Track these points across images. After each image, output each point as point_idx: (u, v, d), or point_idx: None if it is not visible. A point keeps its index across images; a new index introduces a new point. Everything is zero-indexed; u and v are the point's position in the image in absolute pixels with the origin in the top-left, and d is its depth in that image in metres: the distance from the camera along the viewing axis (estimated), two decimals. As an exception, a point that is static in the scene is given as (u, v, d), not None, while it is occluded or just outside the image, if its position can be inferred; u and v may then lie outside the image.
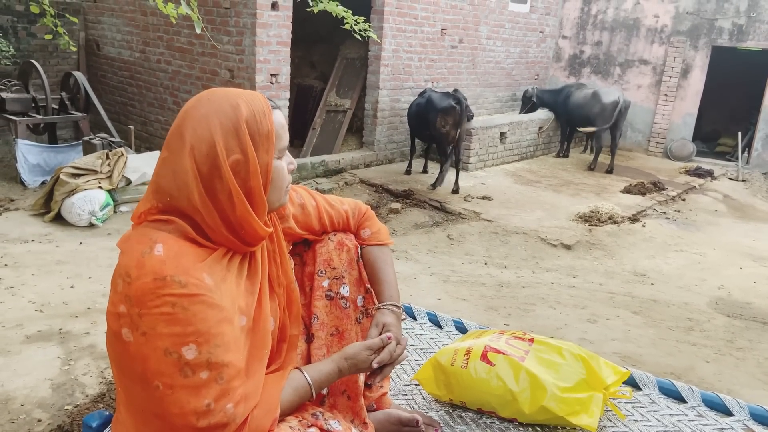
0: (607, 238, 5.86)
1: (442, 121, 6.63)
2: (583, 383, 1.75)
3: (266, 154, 1.20)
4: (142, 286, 1.08)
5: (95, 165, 5.29)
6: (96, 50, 8.24)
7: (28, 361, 2.98)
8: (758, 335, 4.03)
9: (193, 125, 1.17)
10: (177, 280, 1.09)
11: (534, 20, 10.04)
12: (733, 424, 1.78)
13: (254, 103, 1.21)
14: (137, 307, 1.09)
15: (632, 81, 10.45)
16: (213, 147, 1.15)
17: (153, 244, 1.13)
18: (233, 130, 1.17)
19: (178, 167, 1.16)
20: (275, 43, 6.19)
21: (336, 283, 1.58)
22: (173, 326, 1.08)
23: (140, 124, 7.64)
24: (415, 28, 7.82)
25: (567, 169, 8.80)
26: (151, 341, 1.08)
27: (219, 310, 1.14)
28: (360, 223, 1.66)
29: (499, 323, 3.83)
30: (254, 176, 1.18)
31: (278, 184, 1.25)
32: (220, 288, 1.16)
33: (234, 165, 1.16)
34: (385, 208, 6.29)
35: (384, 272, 1.59)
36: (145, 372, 1.10)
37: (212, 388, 1.11)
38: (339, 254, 1.59)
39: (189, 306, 1.10)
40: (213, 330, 1.12)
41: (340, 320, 1.58)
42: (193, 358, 1.09)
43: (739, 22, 9.46)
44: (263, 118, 1.20)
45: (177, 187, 1.16)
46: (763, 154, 9.67)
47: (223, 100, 1.20)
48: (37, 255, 4.35)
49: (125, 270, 1.11)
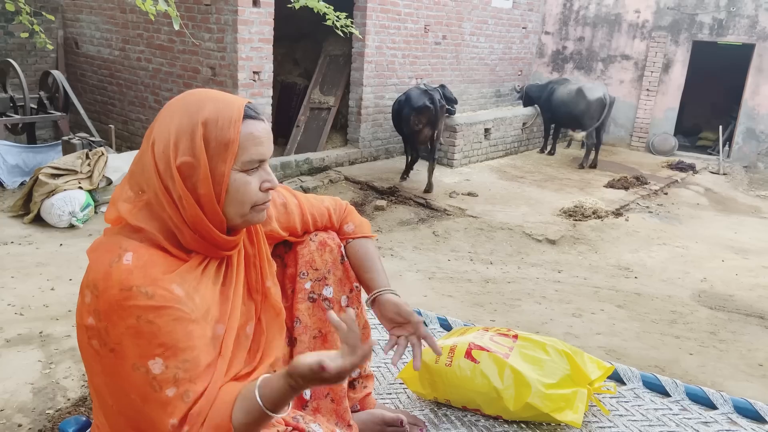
0: (591, 232, 5.89)
1: (415, 119, 6.56)
2: (567, 379, 1.75)
3: (222, 164, 1.12)
4: (108, 298, 1.05)
5: (75, 165, 5.21)
6: (75, 48, 8.12)
7: (8, 365, 2.93)
8: (741, 327, 4.07)
9: (160, 121, 1.16)
10: (144, 291, 1.05)
11: (517, 16, 10.06)
12: (717, 417, 1.79)
13: (223, 109, 1.14)
14: (104, 321, 1.05)
15: (614, 76, 10.52)
16: (168, 145, 1.12)
17: (122, 253, 1.09)
18: (189, 131, 1.12)
19: (145, 161, 1.14)
20: (257, 40, 6.14)
21: (319, 285, 1.55)
22: (138, 340, 1.05)
23: (121, 123, 7.55)
24: (399, 24, 7.80)
25: (551, 164, 8.83)
26: (118, 357, 1.05)
27: (188, 323, 1.09)
28: (342, 219, 1.63)
29: (485, 319, 3.83)
30: (204, 183, 1.11)
31: (237, 198, 1.15)
32: (192, 299, 1.12)
33: (183, 167, 1.11)
34: (371, 205, 6.27)
35: (374, 262, 1.58)
36: (119, 385, 1.07)
37: (177, 407, 1.06)
38: (321, 255, 1.56)
39: (154, 319, 1.05)
40: (181, 344, 1.07)
41: (323, 322, 1.55)
42: (159, 373, 1.05)
43: (719, 16, 9.55)
44: (227, 125, 1.12)
45: (145, 181, 1.14)
46: (743, 148, 9.79)
47: (194, 100, 1.16)
48: (16, 257, 4.28)
49: (93, 282, 1.07)
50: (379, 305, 1.51)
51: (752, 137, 9.70)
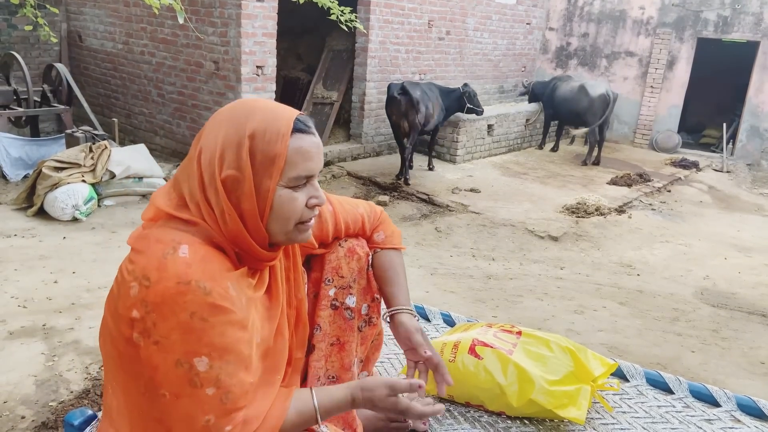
0: (594, 229, 5.89)
1: (388, 110, 6.78)
2: (571, 376, 1.75)
3: (268, 179, 1.08)
4: (163, 290, 1.00)
5: (78, 158, 5.21)
6: (78, 42, 8.12)
7: (12, 357, 2.94)
8: (743, 325, 4.07)
9: (208, 129, 1.12)
10: (202, 286, 1.01)
11: (521, 12, 10.02)
12: (720, 414, 1.78)
13: (272, 121, 1.09)
14: (154, 313, 1.00)
15: (618, 73, 10.49)
16: (213, 157, 1.08)
17: (177, 245, 1.04)
18: (235, 143, 1.07)
19: (191, 169, 1.10)
20: (261, 35, 6.13)
21: (342, 293, 1.50)
22: (188, 336, 1.01)
23: (124, 117, 7.54)
24: (402, 19, 7.78)
25: (554, 161, 8.82)
26: (162, 351, 1.01)
27: (239, 329, 1.07)
28: (375, 227, 1.58)
29: (487, 315, 3.84)
30: (248, 198, 1.07)
31: (282, 215, 1.11)
32: (242, 302, 1.09)
33: (228, 181, 1.07)
34: (373, 200, 6.27)
35: (398, 277, 1.53)
36: (153, 379, 1.03)
37: (215, 406, 1.04)
38: (349, 262, 1.50)
39: (208, 317, 1.02)
40: (229, 346, 1.05)
41: (342, 331, 1.51)
42: (203, 371, 1.02)
43: (724, 13, 9.51)
44: (275, 138, 1.08)
45: (189, 191, 1.10)
46: (747, 146, 9.76)
47: (242, 110, 1.11)
48: (19, 250, 4.28)
49: (142, 272, 1.02)
50: (394, 325, 1.48)
51: (756, 135, 9.68)
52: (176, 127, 6.95)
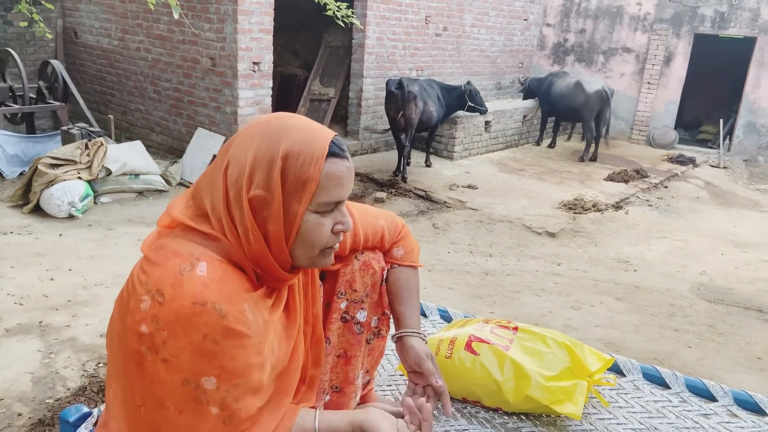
0: (591, 225, 5.89)
1: (386, 106, 6.77)
2: (567, 371, 1.75)
3: (298, 203, 1.04)
4: (177, 309, 0.97)
5: (74, 155, 5.20)
6: (74, 38, 8.08)
7: (8, 354, 2.93)
8: (739, 320, 4.08)
9: (239, 142, 1.07)
10: (218, 308, 0.98)
11: (518, 8, 10.01)
12: (716, 409, 1.79)
13: (307, 143, 1.05)
14: (165, 331, 0.97)
15: (615, 69, 10.48)
16: (242, 173, 1.03)
17: (195, 261, 1.01)
18: (267, 162, 1.03)
19: (216, 181, 1.06)
20: (257, 31, 6.11)
21: (354, 307, 1.47)
22: (199, 358, 0.98)
23: (120, 114, 7.52)
24: (399, 15, 7.76)
25: (551, 157, 8.82)
26: (170, 369, 0.98)
27: (252, 354, 1.04)
28: (395, 242, 1.52)
29: (485, 311, 3.84)
30: (275, 221, 1.04)
31: (308, 240, 1.08)
32: (259, 326, 1.06)
33: (255, 200, 1.03)
34: (370, 197, 6.26)
35: (412, 297, 1.48)
36: (158, 392, 1.01)
37: (217, 426, 1.02)
38: (363, 277, 1.46)
39: (221, 340, 0.99)
40: (239, 371, 1.02)
41: (350, 344, 1.49)
42: (210, 389, 1.00)
43: (721, 9, 9.51)
44: (309, 162, 1.03)
45: (212, 204, 1.06)
46: (744, 142, 9.77)
47: (278, 127, 1.06)
48: (15, 247, 4.27)
49: (156, 286, 0.99)
50: (402, 348, 1.44)
51: (753, 131, 9.69)
52: (172, 123, 6.93)
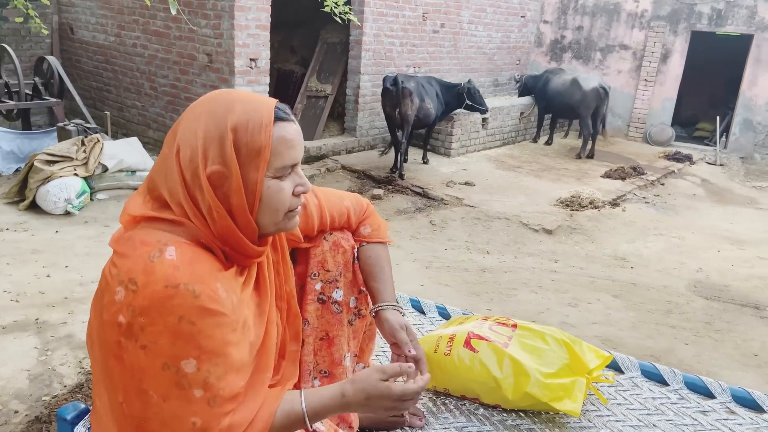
0: (588, 222, 5.90)
1: (383, 102, 6.81)
2: (566, 368, 1.75)
3: (255, 171, 1.06)
4: (151, 294, 0.98)
5: (70, 152, 5.17)
6: (70, 34, 8.04)
7: (4, 351, 2.92)
8: (736, 317, 4.09)
9: (185, 125, 1.08)
10: (191, 289, 0.99)
11: (515, 5, 10.00)
12: (715, 406, 1.79)
13: (253, 112, 1.07)
14: (142, 317, 0.98)
15: (612, 66, 10.49)
16: (195, 153, 1.04)
17: (163, 247, 1.02)
18: (218, 138, 1.04)
19: (169, 168, 1.07)
20: (254, 27, 6.08)
21: (329, 287, 1.50)
22: (176, 340, 0.99)
23: (116, 110, 7.49)
24: (397, 12, 7.74)
25: (548, 154, 8.83)
26: (150, 355, 0.99)
27: (228, 331, 1.05)
28: (361, 220, 1.56)
29: (482, 308, 3.84)
30: (237, 193, 1.05)
31: (271, 206, 1.10)
32: (233, 304, 1.07)
33: (213, 177, 1.04)
34: (368, 194, 6.26)
35: (383, 272, 1.51)
36: (140, 382, 1.01)
37: (202, 409, 1.02)
38: (334, 256, 1.49)
39: (197, 320, 1.00)
40: (217, 350, 1.03)
41: (330, 325, 1.51)
42: (190, 372, 1.01)
43: (717, 6, 9.52)
44: (258, 130, 1.06)
45: (170, 191, 1.07)
46: (740, 139, 9.79)
47: (221, 102, 1.08)
48: (11, 244, 4.25)
49: (128, 276, 1.00)
50: (379, 321, 1.47)
51: (749, 128, 9.71)
52: (169, 120, 6.91)
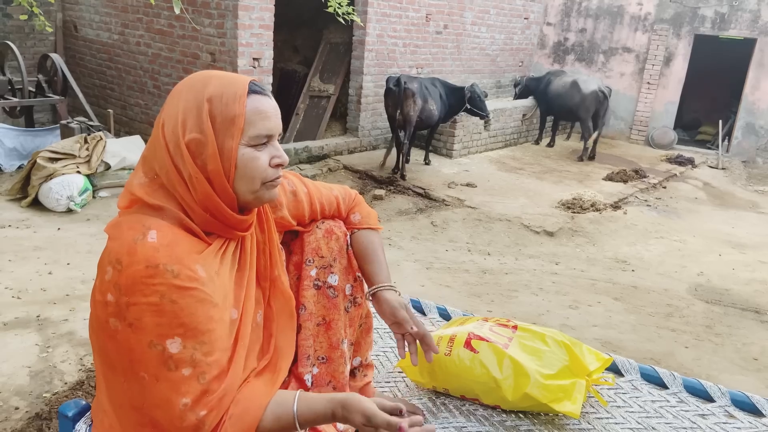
0: (589, 225, 5.90)
1: (385, 102, 6.81)
2: (566, 370, 1.75)
3: (230, 139, 1.14)
4: (133, 273, 1.05)
5: (73, 149, 5.19)
6: (74, 32, 8.06)
7: (6, 348, 2.93)
8: (736, 321, 4.09)
9: (168, 102, 1.18)
10: (170, 269, 1.06)
11: (519, 6, 10.00)
12: (714, 410, 1.79)
13: (228, 85, 1.16)
14: (126, 296, 1.05)
15: (615, 69, 10.49)
16: (176, 124, 1.14)
17: (146, 231, 1.09)
18: (195, 108, 1.13)
19: (157, 143, 1.15)
20: (257, 27, 6.10)
21: (324, 272, 1.54)
22: (159, 318, 1.05)
23: (119, 108, 7.50)
24: (400, 12, 7.75)
25: (550, 156, 8.82)
26: (136, 333, 1.05)
27: (210, 306, 1.11)
28: (350, 208, 1.62)
29: (482, 310, 3.84)
30: (213, 159, 1.13)
31: (247, 174, 1.16)
32: (213, 282, 1.13)
33: (192, 144, 1.12)
34: (369, 194, 6.26)
35: (377, 255, 1.57)
36: (131, 363, 1.07)
37: (192, 386, 1.08)
38: (328, 242, 1.54)
39: (178, 299, 1.06)
40: (201, 326, 1.09)
41: (327, 310, 1.54)
42: (176, 352, 1.06)
43: (721, 10, 9.51)
44: (232, 100, 1.14)
45: (158, 163, 1.15)
46: (742, 143, 9.78)
47: (200, 78, 1.18)
48: (13, 241, 4.26)
49: (115, 257, 1.07)
50: (378, 302, 1.52)
51: (752, 132, 9.70)
52: (172, 118, 6.91)
